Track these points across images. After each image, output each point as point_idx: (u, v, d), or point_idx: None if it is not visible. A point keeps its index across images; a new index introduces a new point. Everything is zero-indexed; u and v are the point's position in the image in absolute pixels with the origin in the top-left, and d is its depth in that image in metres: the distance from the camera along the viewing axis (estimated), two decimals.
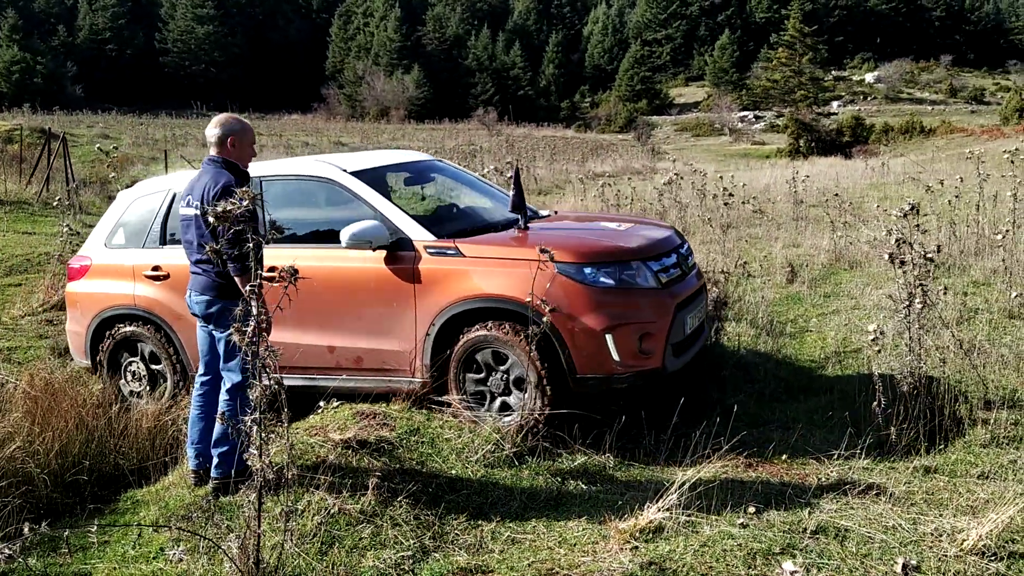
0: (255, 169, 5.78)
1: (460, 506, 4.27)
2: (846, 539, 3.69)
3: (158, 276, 5.89)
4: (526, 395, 4.93)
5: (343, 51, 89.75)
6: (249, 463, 3.54)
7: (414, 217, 5.37)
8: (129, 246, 6.21)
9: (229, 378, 4.37)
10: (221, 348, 4.39)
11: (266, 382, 3.35)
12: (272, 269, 5.23)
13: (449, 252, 5.10)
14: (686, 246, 5.83)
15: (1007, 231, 8.37)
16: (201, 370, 4.62)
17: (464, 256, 5.07)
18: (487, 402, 5.13)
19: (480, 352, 5.06)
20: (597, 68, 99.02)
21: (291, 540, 3.71)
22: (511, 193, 5.68)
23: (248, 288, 3.38)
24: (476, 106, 74.49)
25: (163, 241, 6.00)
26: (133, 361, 6.20)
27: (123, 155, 23.66)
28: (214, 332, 4.44)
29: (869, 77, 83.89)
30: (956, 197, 10.92)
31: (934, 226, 10.00)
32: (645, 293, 5.01)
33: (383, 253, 5.19)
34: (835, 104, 70.59)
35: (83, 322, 6.29)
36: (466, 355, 5.08)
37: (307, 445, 4.77)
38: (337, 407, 5.31)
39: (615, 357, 4.80)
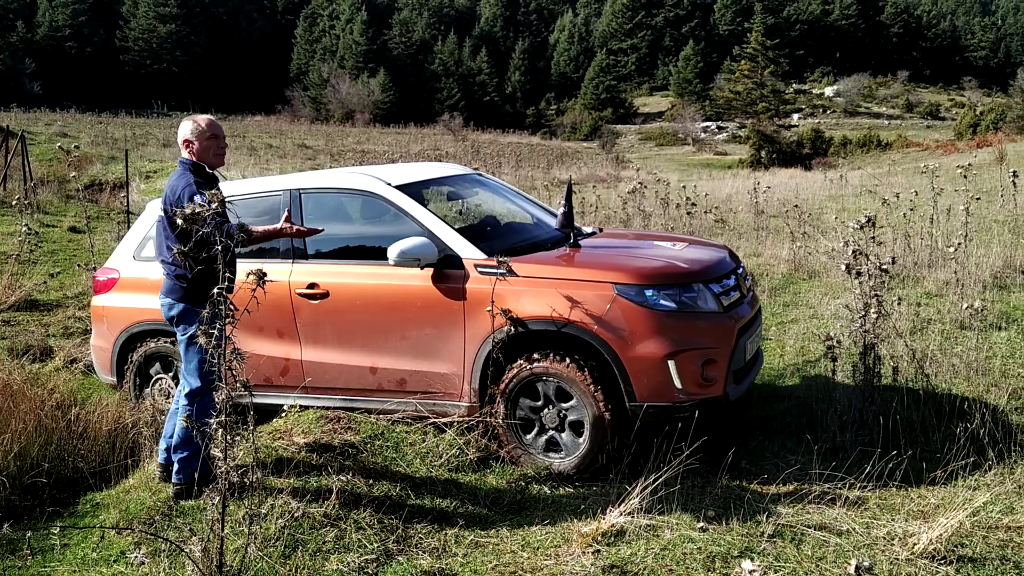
0: (293, 180, 5.70)
1: (424, 510, 4.30)
2: (802, 542, 3.79)
3: None
4: (583, 437, 4.71)
5: (308, 53, 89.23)
6: (214, 466, 3.53)
7: (462, 233, 5.15)
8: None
9: (188, 382, 4.34)
10: (181, 350, 4.37)
11: (231, 386, 3.35)
12: (312, 285, 5.22)
13: (501, 271, 4.84)
14: (742, 268, 5.55)
15: (959, 244, 8.59)
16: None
17: (517, 276, 4.80)
18: (534, 433, 4.89)
19: (534, 381, 4.80)
20: (563, 76, 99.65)
21: (254, 544, 3.70)
22: (561, 209, 5.47)
23: (215, 291, 3.37)
24: (442, 111, 74.49)
25: None
26: (162, 378, 5.92)
27: (82, 154, 23.25)
28: (176, 334, 4.42)
29: (829, 91, 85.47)
30: (911, 210, 11.18)
31: (889, 238, 10.23)
32: (707, 317, 4.75)
33: (430, 271, 4.97)
34: (795, 116, 71.80)
35: (109, 337, 5.99)
36: (518, 382, 4.82)
37: (271, 449, 4.76)
38: (302, 411, 5.30)
39: (677, 384, 4.55)
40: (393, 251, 4.85)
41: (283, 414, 5.29)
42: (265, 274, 3.63)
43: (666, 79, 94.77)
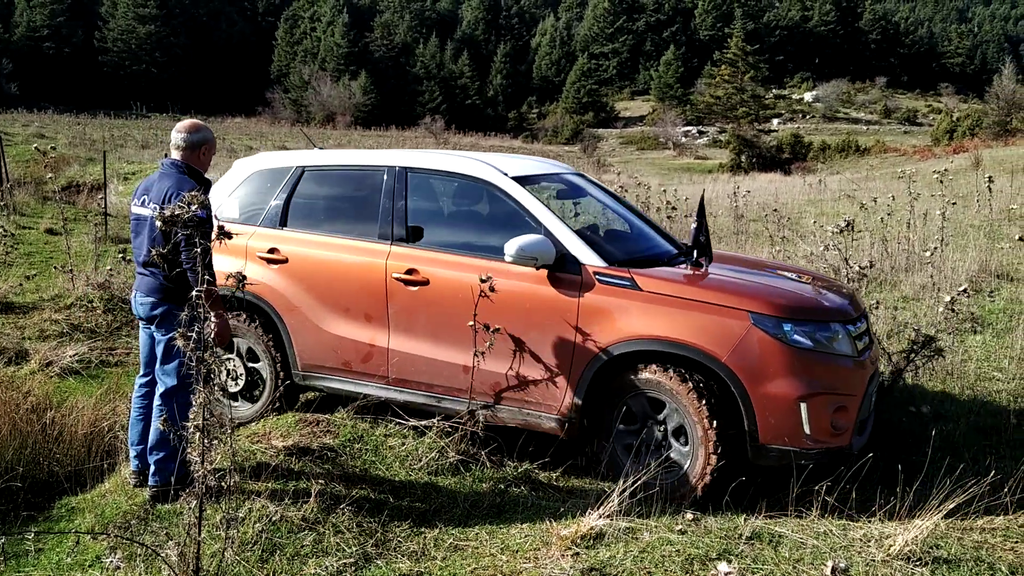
0: (399, 157, 5.39)
1: (403, 513, 4.29)
2: (780, 544, 3.81)
3: (275, 259, 5.36)
4: (687, 458, 4.44)
5: (289, 55, 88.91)
6: (191, 469, 3.50)
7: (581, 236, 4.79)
8: (242, 222, 5.61)
9: (164, 382, 4.32)
10: (160, 351, 4.34)
11: (210, 388, 3.33)
12: (412, 271, 4.98)
13: (623, 283, 4.52)
14: (866, 311, 5.22)
15: (935, 248, 8.70)
16: (141, 371, 4.56)
17: (640, 290, 4.48)
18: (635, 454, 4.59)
19: (640, 399, 4.56)
20: (544, 79, 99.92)
21: (232, 548, 3.68)
22: (693, 225, 5.09)
23: (194, 293, 3.35)
24: (423, 114, 74.46)
25: (283, 222, 5.49)
26: (229, 357, 5.54)
27: (59, 155, 23.02)
28: (155, 334, 4.39)
29: (808, 96, 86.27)
30: (888, 215, 11.30)
31: (867, 242, 10.34)
32: (842, 360, 4.42)
33: (544, 272, 4.64)
34: (775, 121, 72.33)
35: None
36: (625, 400, 4.57)
37: (249, 452, 4.73)
38: (280, 415, 5.28)
39: (806, 430, 4.23)
40: (511, 247, 4.54)
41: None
42: (245, 276, 3.61)
43: (647, 83, 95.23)
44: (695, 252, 4.97)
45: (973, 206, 14.39)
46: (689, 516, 4.10)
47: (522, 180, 5.06)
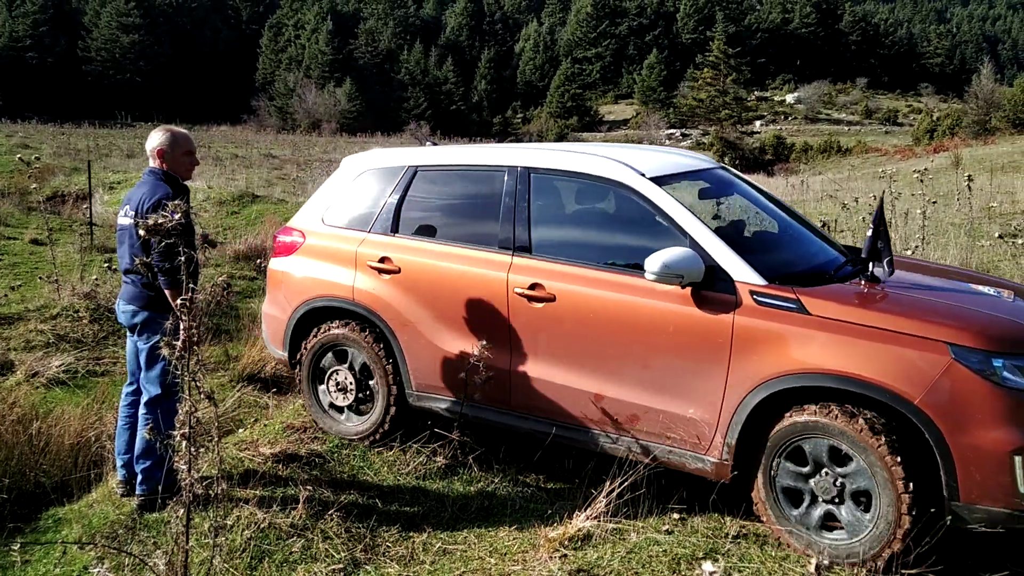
0: (520, 155, 4.83)
1: (392, 518, 4.30)
2: (765, 543, 3.86)
3: (387, 269, 4.93)
4: (869, 515, 3.66)
5: (273, 63, 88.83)
6: (178, 477, 3.51)
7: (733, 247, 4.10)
8: (352, 227, 5.19)
9: (148, 391, 4.31)
10: (142, 359, 4.34)
11: (196, 397, 3.34)
12: (536, 286, 4.43)
13: (787, 305, 3.82)
14: None
15: (916, 247, 8.78)
16: (128, 380, 4.56)
17: (809, 314, 3.77)
18: (804, 507, 3.86)
19: (808, 442, 3.79)
20: (528, 84, 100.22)
21: (220, 556, 3.69)
22: (869, 232, 4.25)
23: (179, 302, 3.36)
24: (408, 120, 74.61)
25: (395, 228, 5.02)
26: (339, 369, 5.16)
27: (44, 165, 22.88)
28: (138, 343, 4.39)
29: (790, 98, 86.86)
30: (870, 214, 11.34)
31: (849, 242, 10.40)
32: None
33: (689, 291, 4.02)
34: (758, 123, 72.78)
35: (286, 308, 5.28)
36: (788, 443, 3.85)
37: (237, 459, 4.74)
38: (268, 422, 5.28)
39: (1020, 488, 3.45)
40: (654, 262, 3.94)
41: (248, 426, 5.26)
42: (230, 284, 3.61)
43: (630, 87, 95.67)
44: (871, 264, 4.19)
45: (953, 205, 14.51)
46: (676, 516, 4.14)
47: (661, 180, 4.44)
